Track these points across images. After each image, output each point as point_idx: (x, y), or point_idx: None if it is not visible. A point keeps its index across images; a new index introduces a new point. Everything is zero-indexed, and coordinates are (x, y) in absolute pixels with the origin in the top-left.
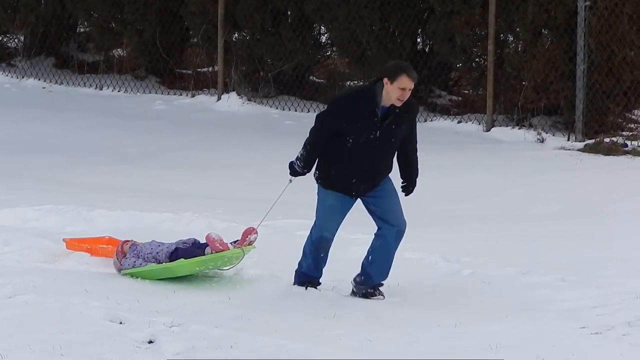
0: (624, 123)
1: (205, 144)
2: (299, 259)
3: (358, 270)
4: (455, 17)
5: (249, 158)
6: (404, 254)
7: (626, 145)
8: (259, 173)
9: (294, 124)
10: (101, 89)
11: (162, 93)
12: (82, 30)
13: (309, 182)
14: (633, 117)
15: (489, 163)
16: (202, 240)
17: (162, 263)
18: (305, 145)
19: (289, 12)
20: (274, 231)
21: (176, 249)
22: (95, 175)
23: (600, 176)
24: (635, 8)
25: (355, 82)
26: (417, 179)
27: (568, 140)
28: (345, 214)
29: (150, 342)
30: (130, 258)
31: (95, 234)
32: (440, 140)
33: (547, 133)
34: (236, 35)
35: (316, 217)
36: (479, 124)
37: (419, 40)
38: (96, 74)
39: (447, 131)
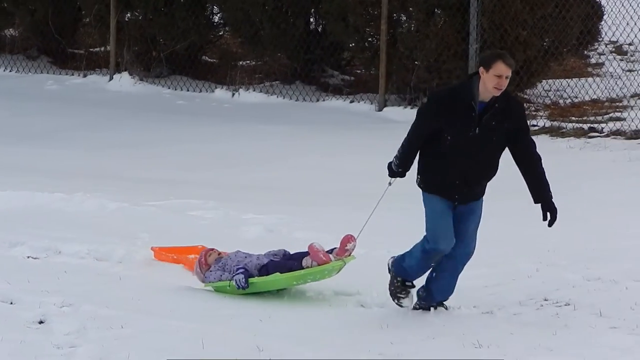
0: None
1: (98, 123)
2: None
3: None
4: None
5: (140, 138)
6: (294, 234)
7: None
8: (151, 153)
9: (186, 103)
10: None
11: (54, 73)
12: None
13: (204, 160)
14: (526, 96)
15: (381, 143)
16: (292, 251)
17: (252, 275)
18: (402, 144)
19: None
20: (166, 211)
21: (267, 263)
22: None
23: None
24: None
25: (248, 62)
26: (551, 197)
27: None
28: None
29: (41, 322)
30: (216, 271)
31: None
32: (333, 120)
33: None
34: (129, 15)
35: (427, 226)
36: (372, 104)
37: (312, 20)
38: None
39: (339, 111)
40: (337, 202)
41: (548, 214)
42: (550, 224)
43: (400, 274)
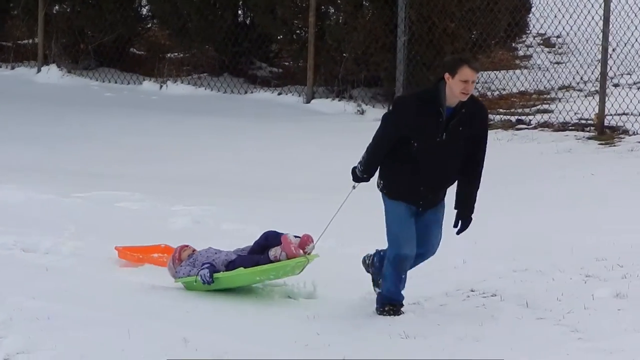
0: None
1: (25, 116)
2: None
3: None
4: None
5: (67, 130)
6: (221, 226)
7: None
8: (78, 145)
9: (114, 95)
10: None
11: None
12: None
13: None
14: None
15: (308, 135)
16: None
17: (218, 271)
18: (367, 148)
19: None
20: (93, 203)
21: (235, 259)
22: None
23: None
24: None
25: (176, 54)
26: (470, 212)
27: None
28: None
29: None
30: (186, 267)
31: None
32: (261, 112)
33: (367, 105)
34: (57, 7)
35: (388, 233)
36: (300, 96)
37: (239, 12)
38: None
39: (268, 103)
40: (264, 193)
41: (460, 222)
42: (457, 232)
43: (386, 301)
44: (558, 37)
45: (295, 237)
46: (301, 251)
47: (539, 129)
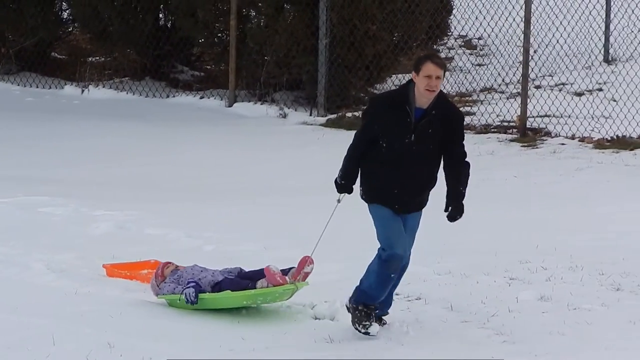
0: (366, 97)
1: None
2: None
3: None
4: None
5: None
6: (145, 230)
7: None
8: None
9: (35, 100)
10: None
11: None
12: None
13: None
14: (375, 91)
15: (231, 138)
16: (247, 268)
17: (203, 291)
18: (345, 156)
19: None
20: (15, 208)
21: (221, 280)
22: None
23: (343, 151)
24: None
25: (97, 58)
26: (462, 204)
27: (310, 115)
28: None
29: None
30: (170, 284)
31: None
32: (183, 116)
33: (289, 108)
34: None
35: (378, 236)
36: (222, 99)
37: (161, 15)
38: None
39: (189, 107)
40: (188, 197)
41: (451, 208)
42: (448, 218)
43: (361, 298)
44: (479, 38)
45: (284, 269)
46: (287, 278)
47: None
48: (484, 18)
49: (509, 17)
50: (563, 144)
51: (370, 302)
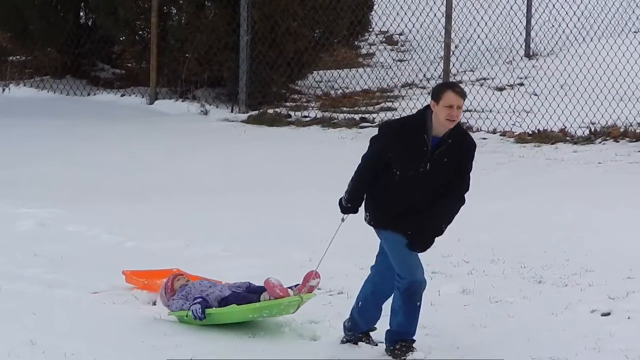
0: (287, 94)
1: None
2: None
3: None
4: None
5: None
6: (66, 228)
7: (290, 116)
8: None
9: None
10: None
11: None
12: None
13: None
14: (296, 87)
15: (152, 136)
16: (258, 283)
17: (210, 306)
18: (352, 177)
19: None
20: None
21: (228, 295)
22: None
23: (265, 147)
24: None
25: (18, 57)
26: (435, 235)
27: (232, 111)
28: None
29: None
30: (179, 300)
31: None
32: (104, 114)
33: (210, 105)
34: None
35: (394, 262)
36: (143, 97)
37: (82, 13)
38: None
39: (111, 105)
40: (108, 195)
41: (415, 240)
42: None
43: (396, 338)
44: (400, 34)
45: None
46: (290, 291)
47: None
48: (405, 14)
49: (430, 12)
50: (485, 138)
51: (407, 338)
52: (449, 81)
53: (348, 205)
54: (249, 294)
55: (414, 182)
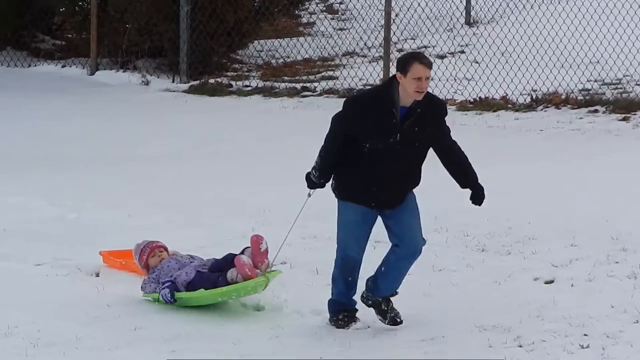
0: (229, 63)
1: None
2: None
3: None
4: None
5: None
6: (7, 200)
7: (231, 86)
8: None
9: None
10: None
11: None
12: None
13: None
14: (237, 57)
15: (93, 107)
16: (203, 255)
17: (179, 290)
18: (320, 152)
19: None
20: None
21: (193, 278)
22: None
23: (207, 117)
24: None
25: None
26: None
27: (173, 82)
28: (370, 229)
29: None
30: (151, 284)
31: None
32: (45, 86)
33: (151, 75)
34: None
35: (337, 235)
36: (84, 68)
37: None
38: None
39: (52, 76)
40: (49, 166)
41: (479, 194)
42: (475, 202)
43: (338, 308)
44: (341, 3)
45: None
46: (257, 271)
47: (324, 95)
48: None
49: None
50: None
51: (349, 308)
52: (414, 52)
53: (320, 181)
54: (213, 273)
55: (383, 154)
